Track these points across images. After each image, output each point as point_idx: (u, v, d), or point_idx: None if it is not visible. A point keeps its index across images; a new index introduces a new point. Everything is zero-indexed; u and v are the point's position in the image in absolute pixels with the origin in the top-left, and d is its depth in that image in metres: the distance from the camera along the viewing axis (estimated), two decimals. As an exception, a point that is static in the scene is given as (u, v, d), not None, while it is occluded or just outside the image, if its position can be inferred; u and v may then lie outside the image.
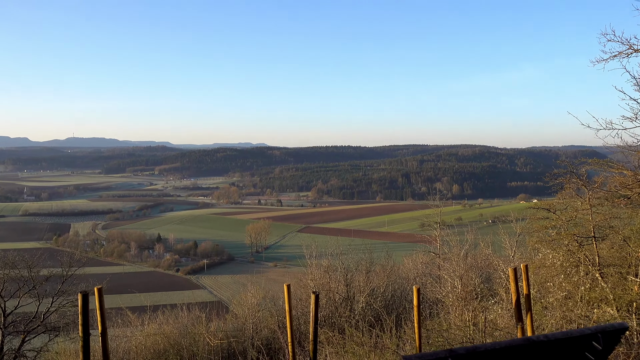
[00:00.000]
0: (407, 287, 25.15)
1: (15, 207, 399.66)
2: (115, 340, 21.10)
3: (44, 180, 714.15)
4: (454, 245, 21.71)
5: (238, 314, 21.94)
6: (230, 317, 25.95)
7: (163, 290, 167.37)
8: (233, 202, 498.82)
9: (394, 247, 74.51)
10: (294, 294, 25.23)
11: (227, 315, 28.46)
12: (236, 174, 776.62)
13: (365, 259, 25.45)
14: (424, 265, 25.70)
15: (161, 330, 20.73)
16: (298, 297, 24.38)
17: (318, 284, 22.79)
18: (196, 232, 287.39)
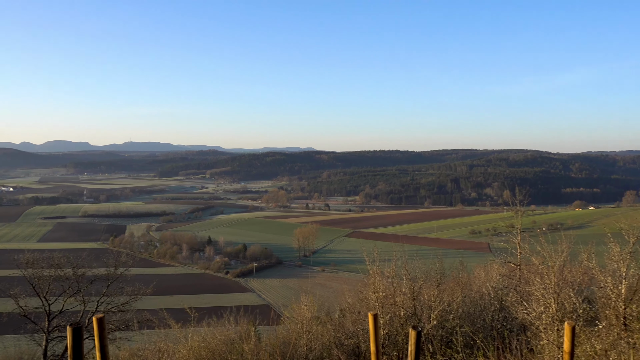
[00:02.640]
0: (483, 303, 22.02)
1: (75, 209, 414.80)
2: (157, 355, 19.30)
3: (102, 182, 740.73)
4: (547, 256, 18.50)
5: (290, 328, 19.67)
6: (281, 330, 23.78)
7: (213, 292, 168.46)
8: (281, 205, 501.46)
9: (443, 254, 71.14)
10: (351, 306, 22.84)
11: (278, 328, 26.29)
12: (284, 178, 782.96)
13: (435, 269, 22.47)
14: (500, 278, 22.53)
15: (206, 344, 18.76)
16: (357, 311, 21.82)
17: (381, 297, 20.20)
18: (245, 235, 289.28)
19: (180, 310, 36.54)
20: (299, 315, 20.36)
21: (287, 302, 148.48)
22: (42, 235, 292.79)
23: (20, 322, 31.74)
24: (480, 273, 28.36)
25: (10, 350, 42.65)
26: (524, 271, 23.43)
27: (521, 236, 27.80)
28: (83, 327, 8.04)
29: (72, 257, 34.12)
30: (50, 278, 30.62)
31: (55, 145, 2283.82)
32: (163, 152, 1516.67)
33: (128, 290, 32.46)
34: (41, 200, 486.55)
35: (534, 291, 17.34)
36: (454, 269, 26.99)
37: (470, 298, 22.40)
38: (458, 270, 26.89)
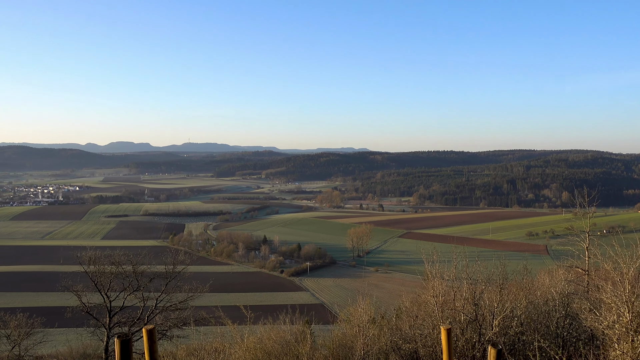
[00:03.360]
0: (547, 309, 20.73)
1: (137, 208, 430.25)
2: (213, 355, 19.30)
3: (162, 182, 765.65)
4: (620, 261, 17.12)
5: (346, 331, 19.19)
6: (337, 332, 23.35)
7: (268, 290, 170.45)
8: (335, 206, 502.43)
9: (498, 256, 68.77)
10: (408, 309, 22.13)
11: (333, 330, 25.89)
12: (338, 179, 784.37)
13: (497, 273, 21.33)
14: (567, 284, 21.15)
15: (262, 345, 18.59)
16: (414, 315, 21.08)
17: (440, 302, 19.41)
18: (300, 234, 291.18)
19: (237, 308, 36.83)
20: (355, 317, 19.89)
21: (341, 302, 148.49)
22: (106, 233, 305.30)
23: (83, 317, 32.80)
24: (544, 278, 26.82)
25: (73, 344, 44.34)
26: (593, 277, 21.92)
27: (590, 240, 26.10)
28: (131, 340, 7.92)
29: (132, 255, 34.98)
30: (111, 275, 31.46)
31: (118, 146, 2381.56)
32: (220, 153, 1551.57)
33: (186, 288, 32.94)
34: (105, 199, 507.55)
35: (605, 299, 16.11)
36: (517, 273, 25.57)
37: (533, 304, 21.22)
38: (522, 274, 25.50)
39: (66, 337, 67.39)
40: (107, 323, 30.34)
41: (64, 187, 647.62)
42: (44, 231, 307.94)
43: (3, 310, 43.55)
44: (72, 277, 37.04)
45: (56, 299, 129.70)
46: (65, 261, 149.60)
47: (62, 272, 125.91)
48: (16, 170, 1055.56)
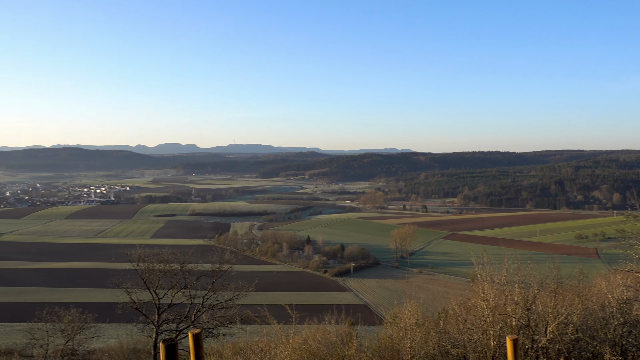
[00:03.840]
0: (604, 316, 19.64)
1: (184, 207, 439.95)
2: (259, 354, 19.30)
3: (208, 183, 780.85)
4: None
5: (393, 334, 18.81)
6: (383, 335, 22.95)
7: (311, 290, 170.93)
8: (378, 206, 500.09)
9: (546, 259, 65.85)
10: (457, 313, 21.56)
11: (379, 332, 25.51)
12: (381, 179, 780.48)
13: (551, 277, 20.41)
14: (626, 289, 19.99)
15: (307, 346, 18.47)
16: (463, 319, 20.51)
17: (491, 306, 18.76)
18: (343, 235, 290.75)
19: (281, 307, 36.94)
20: (401, 320, 19.50)
21: (384, 303, 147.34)
22: (155, 232, 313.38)
23: (133, 313, 33.60)
24: (600, 282, 25.48)
25: (124, 339, 45.59)
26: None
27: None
28: (177, 345, 7.94)
29: (179, 253, 35.62)
30: (160, 273, 32.09)
31: (166, 148, 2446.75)
32: (264, 154, 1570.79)
33: (232, 287, 33.27)
34: (154, 199, 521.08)
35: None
36: (571, 277, 24.49)
37: (589, 310, 20.19)
38: (577, 278, 24.40)
39: (117, 332, 69.48)
40: (155, 320, 30.95)
41: (115, 187, 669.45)
42: (96, 229, 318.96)
43: (58, 305, 45.08)
44: (122, 274, 38.09)
45: (108, 295, 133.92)
46: (116, 259, 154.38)
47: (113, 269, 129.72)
48: (70, 170, 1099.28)
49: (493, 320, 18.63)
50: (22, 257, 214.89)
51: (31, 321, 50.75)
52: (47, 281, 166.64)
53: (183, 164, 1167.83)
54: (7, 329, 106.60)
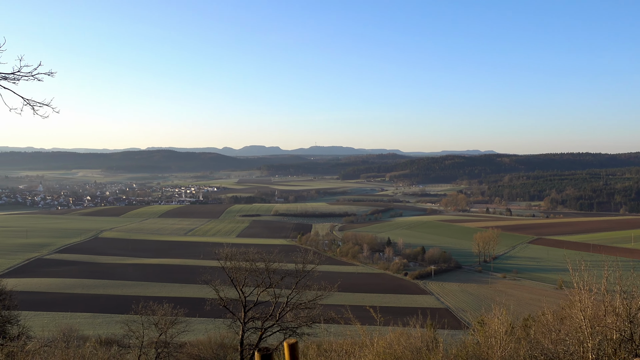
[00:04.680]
0: None
1: (268, 208, 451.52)
2: (343, 357, 19.35)
3: (291, 184, 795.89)
4: None
5: (481, 341, 18.12)
6: (469, 341, 22.26)
7: (392, 292, 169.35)
8: (460, 209, 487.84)
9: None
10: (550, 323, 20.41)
11: (466, 339, 24.79)
12: (464, 182, 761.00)
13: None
14: None
15: (392, 351, 18.27)
16: (556, 328, 19.41)
17: (589, 317, 17.59)
18: (424, 237, 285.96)
19: (362, 308, 36.94)
20: (490, 327, 18.78)
21: (466, 308, 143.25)
22: (240, 231, 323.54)
23: (220, 310, 34.86)
24: None
25: (212, 334, 47.43)
26: None
27: None
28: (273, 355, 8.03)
29: (264, 253, 36.57)
30: (246, 271, 33.10)
31: (251, 150, 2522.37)
32: (345, 156, 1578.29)
33: (315, 287, 33.68)
34: (240, 199, 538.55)
35: None
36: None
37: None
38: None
39: (205, 327, 72.52)
40: (242, 317, 31.94)
41: (204, 187, 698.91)
42: (186, 228, 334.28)
43: (152, 299, 47.63)
44: (211, 271, 39.67)
45: (197, 291, 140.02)
46: (204, 256, 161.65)
47: (202, 266, 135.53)
48: (163, 172, 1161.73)
49: (591, 332, 17.51)
50: (119, 252, 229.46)
51: (128, 313, 54.15)
52: (141, 276, 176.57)
53: (267, 165, 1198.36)
54: (107, 319, 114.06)
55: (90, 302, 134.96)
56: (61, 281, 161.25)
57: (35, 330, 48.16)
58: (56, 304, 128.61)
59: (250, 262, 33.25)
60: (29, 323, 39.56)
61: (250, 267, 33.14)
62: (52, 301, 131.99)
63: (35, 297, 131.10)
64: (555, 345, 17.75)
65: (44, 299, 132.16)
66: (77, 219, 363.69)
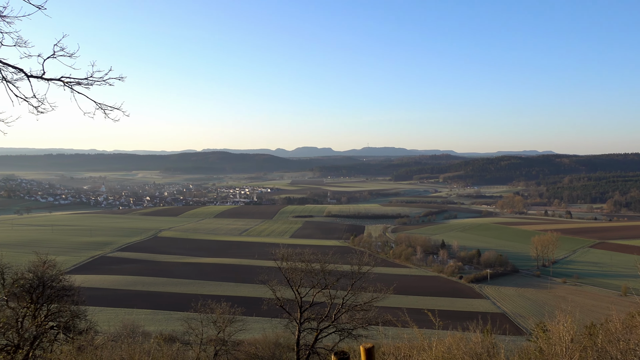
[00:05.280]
0: None
1: (321, 209, 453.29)
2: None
3: (343, 185, 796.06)
4: None
5: (544, 350, 17.55)
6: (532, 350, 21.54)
7: (446, 295, 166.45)
8: (517, 211, 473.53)
9: None
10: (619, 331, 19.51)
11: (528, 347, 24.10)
12: (520, 183, 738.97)
13: None
14: None
15: (451, 356, 18.00)
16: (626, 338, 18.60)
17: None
18: (479, 240, 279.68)
19: (417, 311, 36.62)
20: (554, 334, 18.16)
21: (524, 313, 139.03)
22: (294, 232, 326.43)
23: (276, 310, 35.39)
24: None
25: (268, 333, 48.18)
26: None
27: None
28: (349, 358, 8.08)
29: (319, 254, 36.85)
30: (302, 272, 33.46)
31: (303, 151, 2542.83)
32: (398, 157, 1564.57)
33: (370, 289, 33.66)
34: (292, 200, 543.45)
35: None
36: None
37: None
38: None
39: (261, 326, 73.63)
40: (298, 318, 32.30)
41: (258, 188, 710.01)
42: (241, 228, 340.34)
43: (209, 297, 48.79)
44: (265, 271, 40.31)
45: (252, 291, 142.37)
46: (259, 256, 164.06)
47: (256, 266, 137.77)
48: (218, 173, 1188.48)
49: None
50: (177, 251, 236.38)
51: (187, 311, 55.77)
52: (198, 274, 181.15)
53: (319, 166, 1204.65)
54: (167, 316, 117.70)
55: (150, 299, 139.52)
56: (123, 278, 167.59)
57: (101, 325, 50.27)
58: (119, 300, 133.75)
59: (306, 263, 33.59)
60: (95, 318, 41.31)
61: (306, 268, 33.47)
62: (114, 297, 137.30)
63: (99, 293, 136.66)
64: (624, 355, 17.02)
65: (107, 295, 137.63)
66: (138, 219, 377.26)
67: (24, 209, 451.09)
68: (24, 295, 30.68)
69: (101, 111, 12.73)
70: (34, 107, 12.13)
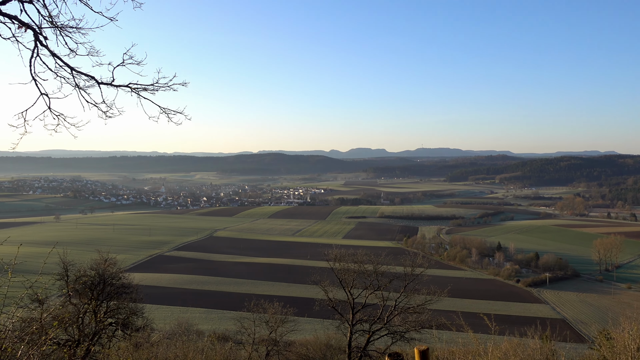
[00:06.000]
0: None
1: (374, 210, 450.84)
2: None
3: (396, 186, 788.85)
4: None
5: (608, 358, 16.67)
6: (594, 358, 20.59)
7: (502, 300, 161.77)
8: (577, 214, 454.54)
9: None
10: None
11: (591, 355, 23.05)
12: (581, 184, 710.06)
13: None
14: None
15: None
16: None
17: None
18: (537, 243, 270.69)
19: (470, 315, 35.77)
20: (619, 343, 17.27)
21: (586, 319, 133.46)
22: (346, 233, 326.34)
23: (328, 311, 35.43)
24: None
25: (319, 334, 48.29)
26: None
27: None
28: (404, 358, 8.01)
29: (372, 255, 36.61)
30: (354, 273, 33.34)
31: (357, 152, 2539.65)
32: (452, 158, 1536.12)
33: (424, 291, 33.15)
34: (346, 201, 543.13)
35: None
36: None
37: None
38: None
39: (313, 327, 73.88)
40: (350, 319, 32.19)
41: (311, 189, 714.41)
42: (294, 229, 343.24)
43: (262, 297, 49.42)
44: (318, 272, 40.42)
45: (304, 291, 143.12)
46: (312, 257, 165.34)
47: (309, 266, 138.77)
48: (273, 174, 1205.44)
49: None
50: (231, 251, 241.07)
51: (240, 310, 56.69)
52: (251, 274, 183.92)
53: (373, 167, 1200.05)
54: (220, 315, 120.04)
55: (205, 298, 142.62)
56: (179, 277, 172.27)
57: (157, 322, 51.83)
58: (174, 299, 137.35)
59: (359, 264, 33.47)
60: (151, 315, 42.61)
61: (359, 269, 33.34)
62: (170, 296, 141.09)
63: (156, 292, 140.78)
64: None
65: (163, 293, 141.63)
66: (194, 219, 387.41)
67: (88, 208, 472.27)
68: (85, 292, 32.03)
69: (165, 115, 13.23)
70: (103, 112, 12.79)
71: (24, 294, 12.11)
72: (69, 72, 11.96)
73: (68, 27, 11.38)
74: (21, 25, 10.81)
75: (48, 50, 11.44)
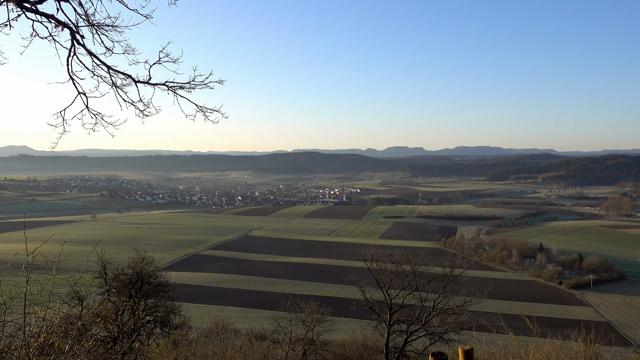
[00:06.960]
0: None
1: (411, 210, 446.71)
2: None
3: (434, 185, 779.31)
4: None
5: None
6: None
7: (544, 302, 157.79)
8: (624, 214, 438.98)
9: None
10: None
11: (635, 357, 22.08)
12: (629, 184, 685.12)
13: None
14: None
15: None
16: None
17: None
18: (581, 244, 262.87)
19: (513, 317, 34.84)
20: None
21: (632, 323, 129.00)
22: (383, 233, 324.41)
23: (365, 311, 35.13)
24: None
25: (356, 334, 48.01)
26: None
27: None
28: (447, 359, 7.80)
29: (410, 255, 36.15)
30: (392, 274, 32.98)
31: (394, 151, 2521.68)
32: (493, 156, 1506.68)
33: (463, 292, 32.54)
34: (382, 200, 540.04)
35: None
36: None
37: None
38: None
39: (350, 327, 73.58)
40: (387, 319, 31.86)
41: (347, 189, 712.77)
42: (330, 228, 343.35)
43: (298, 297, 49.44)
44: (354, 272, 40.14)
45: (340, 291, 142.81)
46: (348, 257, 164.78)
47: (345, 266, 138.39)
48: (308, 173, 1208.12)
49: None
50: (266, 250, 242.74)
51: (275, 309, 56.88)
52: (286, 274, 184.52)
53: (410, 166, 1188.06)
54: (256, 314, 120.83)
55: (241, 297, 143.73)
56: (215, 276, 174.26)
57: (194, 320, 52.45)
58: (210, 297, 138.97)
59: (396, 264, 33.10)
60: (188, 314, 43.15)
61: (396, 269, 32.98)
62: (206, 294, 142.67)
63: (193, 290, 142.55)
64: None
65: (199, 292, 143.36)
66: (229, 218, 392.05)
67: (124, 207, 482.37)
68: (123, 289, 32.67)
69: (202, 114, 13.19)
70: (140, 110, 12.80)
71: (67, 291, 12.29)
72: (106, 70, 12.03)
73: (104, 25, 11.46)
74: (58, 24, 10.90)
75: (85, 49, 11.53)
